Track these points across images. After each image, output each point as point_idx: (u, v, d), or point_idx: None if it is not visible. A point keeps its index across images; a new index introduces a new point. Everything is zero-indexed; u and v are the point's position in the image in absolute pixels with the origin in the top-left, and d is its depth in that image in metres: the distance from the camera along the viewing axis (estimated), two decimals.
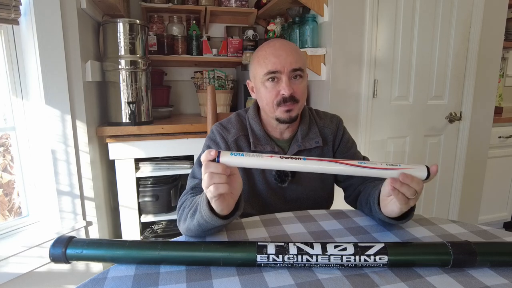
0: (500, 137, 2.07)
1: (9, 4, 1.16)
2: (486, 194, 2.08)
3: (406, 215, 0.69)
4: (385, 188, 0.66)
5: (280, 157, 0.59)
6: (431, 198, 1.93)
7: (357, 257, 0.56)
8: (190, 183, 0.84)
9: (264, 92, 0.85)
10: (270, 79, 0.83)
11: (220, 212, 0.62)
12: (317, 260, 0.56)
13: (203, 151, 0.90)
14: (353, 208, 0.89)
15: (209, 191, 0.57)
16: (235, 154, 0.59)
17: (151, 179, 1.73)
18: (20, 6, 1.21)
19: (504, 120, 2.07)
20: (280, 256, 0.56)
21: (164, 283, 0.53)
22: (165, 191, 1.75)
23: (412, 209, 0.69)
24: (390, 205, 0.66)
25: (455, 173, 1.94)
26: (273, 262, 0.56)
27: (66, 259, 0.57)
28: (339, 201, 1.02)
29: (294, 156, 0.59)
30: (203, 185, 0.58)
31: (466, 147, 1.90)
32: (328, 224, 0.75)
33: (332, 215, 0.80)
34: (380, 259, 0.56)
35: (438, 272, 0.56)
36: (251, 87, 0.93)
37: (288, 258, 0.56)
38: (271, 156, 0.59)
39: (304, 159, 0.59)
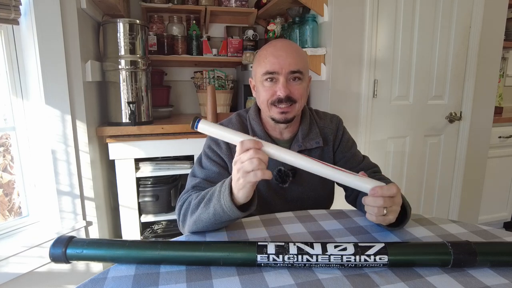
0: (500, 137, 2.07)
1: (9, 4, 1.16)
2: (486, 194, 2.08)
3: (398, 223, 0.70)
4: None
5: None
6: (431, 198, 1.93)
7: (357, 257, 0.56)
8: (191, 181, 0.84)
9: (261, 91, 0.86)
10: (268, 79, 0.84)
11: (245, 200, 0.65)
12: (317, 260, 0.56)
13: (204, 151, 0.90)
14: (353, 208, 0.89)
15: (255, 175, 0.61)
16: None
17: (151, 179, 1.73)
18: (20, 6, 1.21)
19: (504, 120, 2.07)
20: (280, 256, 0.56)
21: (164, 283, 0.53)
22: (165, 191, 1.75)
23: (404, 217, 0.70)
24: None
25: (455, 173, 1.94)
26: (273, 262, 0.56)
27: (66, 259, 0.58)
28: (339, 201, 1.02)
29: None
30: (247, 168, 0.61)
31: (466, 147, 1.90)
32: (328, 224, 0.75)
33: (332, 215, 0.80)
34: (380, 259, 0.56)
35: (438, 272, 0.56)
36: (253, 85, 0.93)
37: (288, 258, 0.56)
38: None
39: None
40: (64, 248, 0.57)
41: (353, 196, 0.92)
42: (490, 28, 1.81)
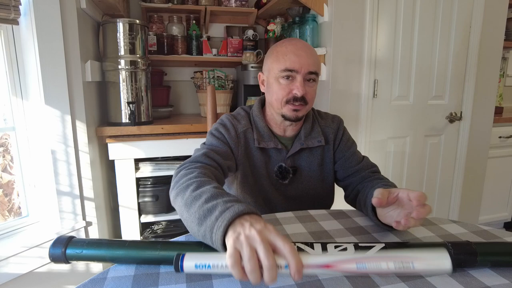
0: (500, 137, 2.07)
1: (9, 4, 1.16)
2: (486, 194, 2.08)
3: None
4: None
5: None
6: (431, 198, 1.93)
7: None
8: (197, 151, 0.80)
9: (276, 87, 0.86)
10: (285, 76, 0.84)
11: None
12: None
13: (210, 132, 0.89)
14: (353, 208, 0.89)
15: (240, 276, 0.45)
16: (200, 266, 0.45)
17: (151, 179, 1.73)
18: (20, 6, 1.21)
19: (504, 120, 2.07)
20: None
21: (164, 283, 0.53)
22: (165, 191, 1.75)
23: None
24: (388, 219, 0.67)
25: (455, 173, 1.94)
26: None
27: (66, 259, 0.57)
28: (340, 201, 1.02)
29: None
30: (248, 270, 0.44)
31: (466, 147, 1.90)
32: (328, 224, 0.75)
33: (332, 215, 0.80)
34: None
35: None
36: (262, 80, 0.93)
37: None
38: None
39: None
40: (64, 248, 0.57)
41: (353, 195, 0.92)
42: (490, 28, 1.81)
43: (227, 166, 0.83)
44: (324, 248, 0.56)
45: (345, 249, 0.56)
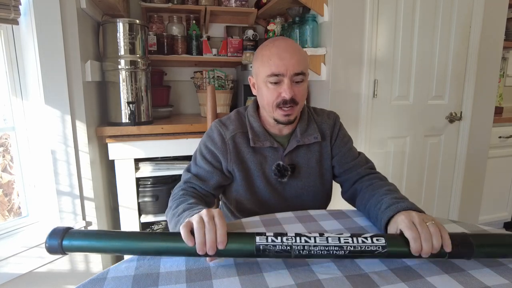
0: (500, 137, 2.07)
1: (9, 4, 1.16)
2: (486, 194, 2.08)
3: None
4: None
5: None
6: (431, 198, 1.93)
7: (355, 239, 0.57)
8: (184, 176, 0.91)
9: (265, 92, 0.86)
10: (272, 81, 0.84)
11: None
12: (315, 241, 0.57)
13: (200, 148, 0.93)
14: (353, 208, 0.89)
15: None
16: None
17: (151, 179, 1.73)
18: (20, 6, 1.21)
19: (504, 120, 2.07)
20: (279, 238, 0.57)
21: (164, 283, 0.53)
22: (165, 191, 1.75)
23: None
24: None
25: (455, 173, 1.94)
26: (272, 243, 0.56)
27: (63, 250, 0.57)
28: (340, 201, 1.02)
29: None
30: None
31: (466, 147, 1.90)
32: (328, 224, 0.75)
33: (332, 215, 0.80)
34: (377, 240, 0.57)
35: (439, 272, 0.56)
36: (253, 83, 0.94)
37: (287, 239, 0.57)
38: None
39: None
40: (60, 240, 0.56)
41: (350, 193, 0.92)
42: (490, 28, 1.81)
43: (213, 187, 0.90)
44: (322, 234, 0.59)
45: (341, 234, 0.59)
